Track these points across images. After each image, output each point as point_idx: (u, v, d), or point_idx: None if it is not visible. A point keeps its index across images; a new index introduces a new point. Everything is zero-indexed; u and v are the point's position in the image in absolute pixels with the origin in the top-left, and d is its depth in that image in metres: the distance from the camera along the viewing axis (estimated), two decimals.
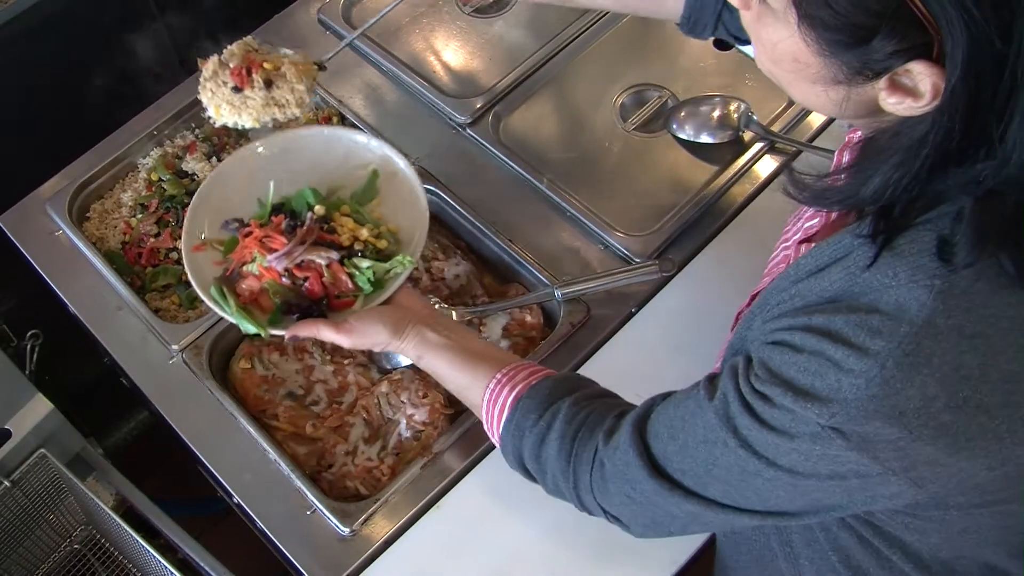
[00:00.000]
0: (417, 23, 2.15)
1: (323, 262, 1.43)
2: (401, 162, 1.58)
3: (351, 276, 1.45)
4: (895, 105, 0.91)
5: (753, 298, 1.40)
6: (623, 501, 1.19)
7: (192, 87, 2.02)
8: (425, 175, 1.89)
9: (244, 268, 1.47)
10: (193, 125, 2.02)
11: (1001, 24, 0.79)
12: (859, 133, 1.23)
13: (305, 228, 1.44)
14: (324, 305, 1.45)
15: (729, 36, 1.57)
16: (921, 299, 0.93)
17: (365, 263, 1.44)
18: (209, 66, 1.62)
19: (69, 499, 2.07)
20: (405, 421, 1.65)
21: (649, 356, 1.69)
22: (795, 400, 0.98)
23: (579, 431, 1.24)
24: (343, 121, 2.01)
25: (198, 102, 2.01)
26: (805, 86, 0.98)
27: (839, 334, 0.96)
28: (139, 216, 1.92)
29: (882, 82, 0.90)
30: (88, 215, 1.95)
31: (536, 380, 1.33)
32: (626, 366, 1.68)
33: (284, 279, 1.44)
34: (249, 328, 1.43)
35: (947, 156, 0.88)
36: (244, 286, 1.47)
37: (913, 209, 0.96)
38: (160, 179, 1.93)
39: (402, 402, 1.66)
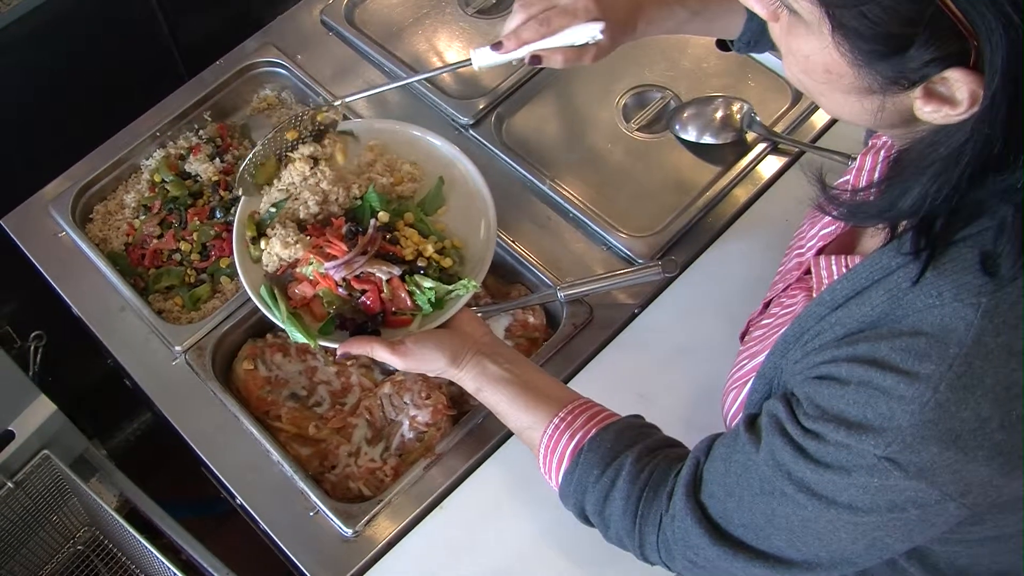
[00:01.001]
0: (420, 24, 2.16)
1: (384, 277, 1.39)
2: (473, 171, 1.55)
3: (410, 294, 1.40)
4: (931, 114, 0.89)
5: (766, 306, 1.39)
6: (686, 565, 1.18)
7: (195, 88, 2.03)
8: None
9: (298, 270, 1.44)
10: (196, 126, 2.02)
11: None
12: (884, 138, 1.22)
13: (368, 237, 1.40)
14: (379, 321, 1.42)
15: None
16: (968, 318, 0.92)
17: (428, 283, 1.40)
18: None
19: (72, 500, 2.07)
20: (408, 422, 1.65)
21: (652, 357, 1.69)
22: (849, 434, 0.96)
23: (644, 491, 1.22)
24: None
25: (200, 103, 2.03)
26: (838, 97, 0.97)
27: (886, 361, 0.95)
28: (142, 217, 1.92)
29: (918, 91, 0.89)
30: (91, 216, 1.95)
31: (596, 430, 1.30)
32: (629, 367, 1.68)
33: (340, 289, 1.40)
34: (298, 337, 1.40)
35: (986, 164, 0.87)
36: (296, 290, 1.44)
37: (954, 222, 0.94)
38: (163, 180, 1.93)
39: (405, 403, 1.66)
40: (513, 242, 1.80)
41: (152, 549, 1.87)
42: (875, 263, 1.02)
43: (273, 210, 1.56)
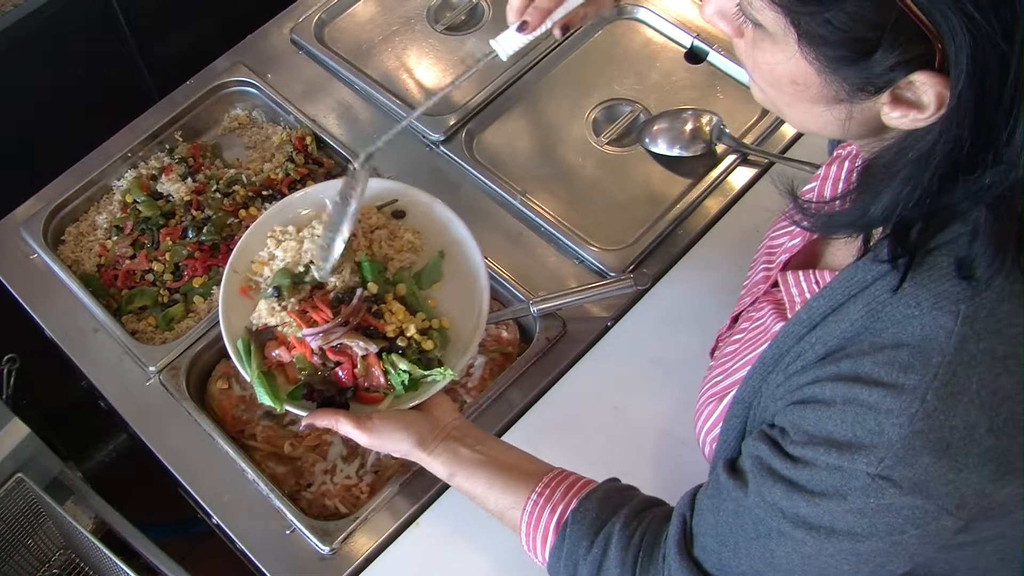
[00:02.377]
0: (389, 41, 2.16)
1: (360, 352, 1.36)
2: (476, 253, 1.52)
3: (385, 372, 1.38)
4: (899, 120, 0.90)
5: (734, 320, 1.40)
6: None
7: (166, 108, 2.03)
8: None
9: (279, 329, 1.42)
10: (167, 146, 2.02)
11: (1004, 26, 0.78)
12: (849, 148, 1.23)
13: (351, 308, 1.37)
14: (349, 395, 1.40)
15: None
16: (948, 326, 0.92)
17: (403, 364, 1.37)
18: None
19: (47, 523, 2.05)
20: None
21: (625, 369, 1.70)
22: (840, 455, 0.96)
23: (638, 557, 1.19)
24: (317, 141, 2.01)
25: (171, 123, 2.03)
26: (805, 107, 0.97)
27: (870, 376, 0.95)
28: (114, 238, 1.91)
29: (884, 97, 0.89)
30: (63, 238, 1.95)
31: (577, 500, 1.27)
32: (602, 380, 1.69)
33: (315, 358, 1.38)
34: (264, 399, 1.38)
35: (956, 165, 0.87)
36: (275, 352, 1.41)
37: (929, 229, 0.94)
38: (135, 201, 1.93)
39: None
40: (485, 257, 1.80)
41: (129, 571, 1.86)
42: (850, 277, 1.02)
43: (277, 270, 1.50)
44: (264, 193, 1.95)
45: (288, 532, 1.57)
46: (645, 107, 2.01)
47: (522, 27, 1.42)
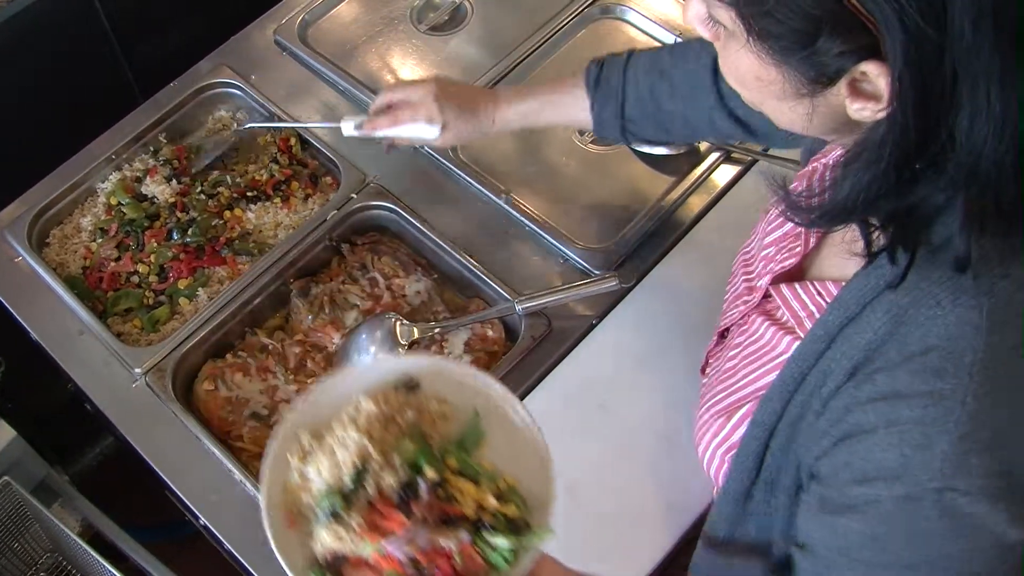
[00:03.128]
0: (373, 42, 2.17)
1: (454, 546, 1.24)
2: (506, 393, 1.38)
3: (482, 555, 1.26)
4: (860, 111, 0.90)
5: (722, 335, 1.39)
6: None
7: (150, 110, 2.03)
8: (384, 193, 1.90)
9: (352, 553, 1.27)
10: (151, 148, 2.02)
11: (934, 15, 0.79)
12: (832, 154, 1.22)
13: (424, 502, 1.24)
14: None
15: (639, 143, 1.78)
16: (974, 322, 0.92)
17: (500, 540, 1.25)
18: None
19: (34, 527, 2.05)
20: None
21: (611, 367, 1.71)
22: (897, 479, 0.94)
23: None
24: (301, 142, 2.01)
25: (155, 125, 2.03)
26: (775, 104, 0.99)
27: (907, 390, 0.94)
28: (99, 241, 1.91)
29: (843, 89, 0.90)
30: (48, 241, 1.94)
31: None
32: (588, 378, 1.70)
33: (409, 569, 1.24)
34: None
35: (907, 154, 0.87)
36: None
37: (917, 222, 0.93)
38: (119, 203, 1.93)
39: None
40: (470, 257, 1.81)
41: (116, 574, 1.86)
42: (862, 285, 1.01)
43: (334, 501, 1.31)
44: (249, 194, 1.95)
45: None
46: None
47: (358, 127, 1.73)
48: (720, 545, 1.25)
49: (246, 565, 1.56)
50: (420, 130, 1.68)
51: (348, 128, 1.75)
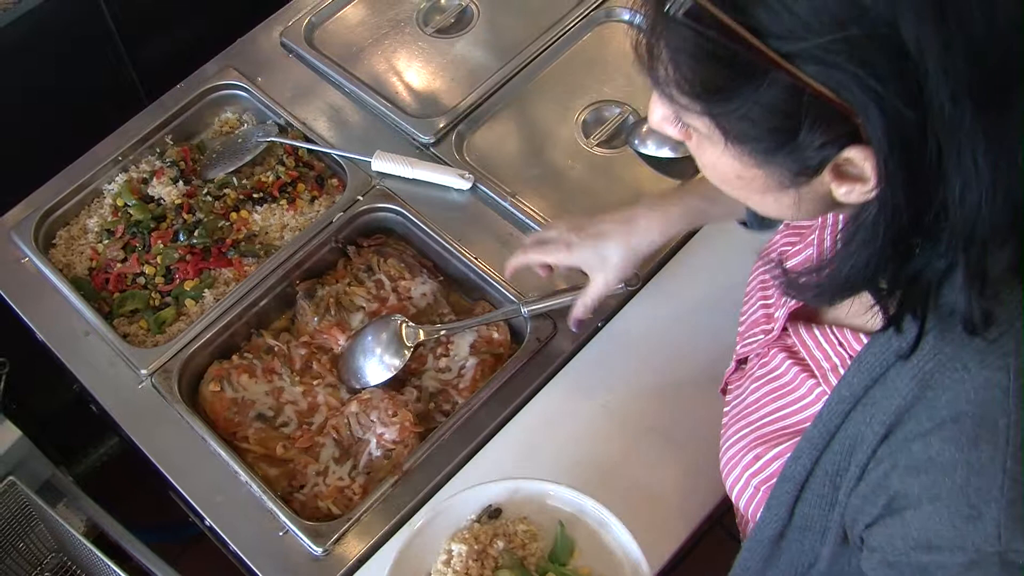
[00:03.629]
0: (379, 44, 2.17)
1: None
2: (580, 498, 1.41)
3: None
4: (848, 195, 0.88)
5: (740, 364, 1.37)
6: None
7: (156, 112, 2.04)
8: (390, 196, 1.90)
9: None
10: (158, 150, 2.03)
11: (911, 94, 0.78)
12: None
13: None
14: None
15: None
16: (1002, 383, 0.91)
17: None
18: None
19: (39, 526, 2.06)
20: (375, 440, 1.65)
21: (616, 370, 1.71)
22: (957, 548, 0.92)
23: None
24: (308, 143, 2.02)
25: (162, 127, 2.03)
26: (758, 198, 0.97)
27: (943, 460, 0.93)
28: (105, 242, 1.92)
29: (827, 176, 0.88)
30: (54, 242, 1.95)
31: None
32: (594, 380, 1.70)
33: None
34: None
35: (903, 231, 0.87)
36: None
37: (920, 290, 0.92)
38: (126, 204, 1.94)
39: (372, 421, 1.67)
40: (476, 259, 1.82)
41: (121, 573, 1.87)
42: (884, 348, 0.99)
43: None
44: (255, 196, 1.95)
45: (281, 533, 1.58)
46: (634, 108, 2.02)
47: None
48: None
49: (251, 566, 1.56)
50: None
51: (378, 164, 1.83)
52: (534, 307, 1.71)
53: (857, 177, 0.87)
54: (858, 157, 0.84)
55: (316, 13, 2.20)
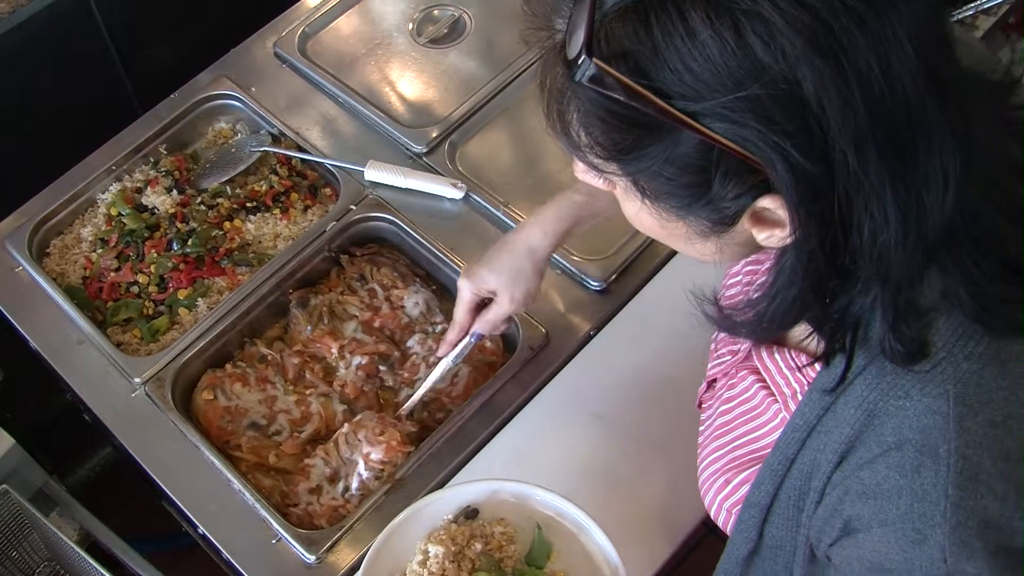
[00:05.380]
0: (372, 54, 2.18)
1: None
2: (559, 501, 1.41)
3: None
4: (769, 239, 0.90)
5: (710, 384, 1.39)
6: None
7: (150, 121, 2.04)
8: (383, 205, 1.91)
9: None
10: (152, 160, 2.03)
11: (815, 148, 0.79)
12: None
13: None
14: None
15: None
16: (942, 410, 0.92)
17: None
18: None
19: (32, 535, 2.06)
20: (363, 461, 1.65)
21: (608, 378, 1.72)
22: (907, 571, 0.94)
23: None
24: (301, 152, 2.03)
25: (156, 136, 2.04)
26: (683, 245, 0.99)
27: (888, 486, 0.95)
28: (99, 251, 1.92)
29: (746, 222, 0.90)
30: (48, 251, 1.95)
31: None
32: (585, 389, 1.71)
33: None
34: None
35: (819, 273, 0.88)
36: None
37: (846, 327, 0.95)
38: (120, 214, 1.94)
39: (359, 440, 1.66)
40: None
41: None
42: (832, 378, 1.00)
43: None
44: (248, 205, 1.96)
45: (274, 541, 1.58)
46: None
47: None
48: None
49: (244, 574, 1.56)
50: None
51: (371, 174, 1.85)
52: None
53: (775, 222, 0.88)
54: (773, 205, 0.86)
55: (310, 23, 2.20)
